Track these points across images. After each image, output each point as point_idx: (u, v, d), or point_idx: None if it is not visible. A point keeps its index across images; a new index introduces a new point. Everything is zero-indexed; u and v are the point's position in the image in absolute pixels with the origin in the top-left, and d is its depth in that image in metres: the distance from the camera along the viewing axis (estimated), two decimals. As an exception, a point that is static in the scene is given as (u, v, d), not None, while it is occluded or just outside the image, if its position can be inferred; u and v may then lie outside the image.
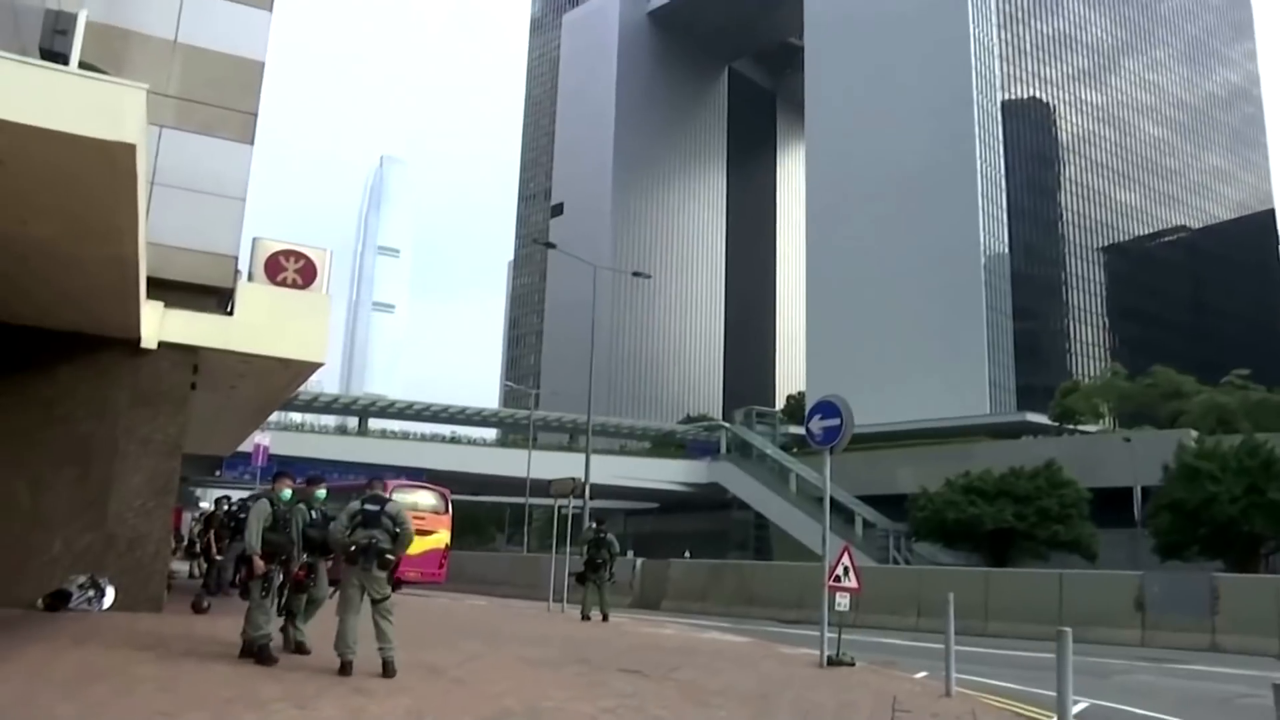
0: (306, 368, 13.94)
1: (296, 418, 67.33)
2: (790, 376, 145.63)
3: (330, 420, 73.94)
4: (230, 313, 13.20)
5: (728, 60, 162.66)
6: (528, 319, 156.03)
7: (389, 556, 8.05)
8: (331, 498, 10.00)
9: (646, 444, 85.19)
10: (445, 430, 74.91)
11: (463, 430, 76.01)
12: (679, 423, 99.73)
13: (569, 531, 19.89)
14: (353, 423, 72.22)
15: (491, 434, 79.36)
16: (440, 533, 22.34)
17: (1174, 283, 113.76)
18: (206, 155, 13.34)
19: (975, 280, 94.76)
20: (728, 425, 77.68)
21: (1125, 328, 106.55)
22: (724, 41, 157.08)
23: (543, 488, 23.24)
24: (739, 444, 71.69)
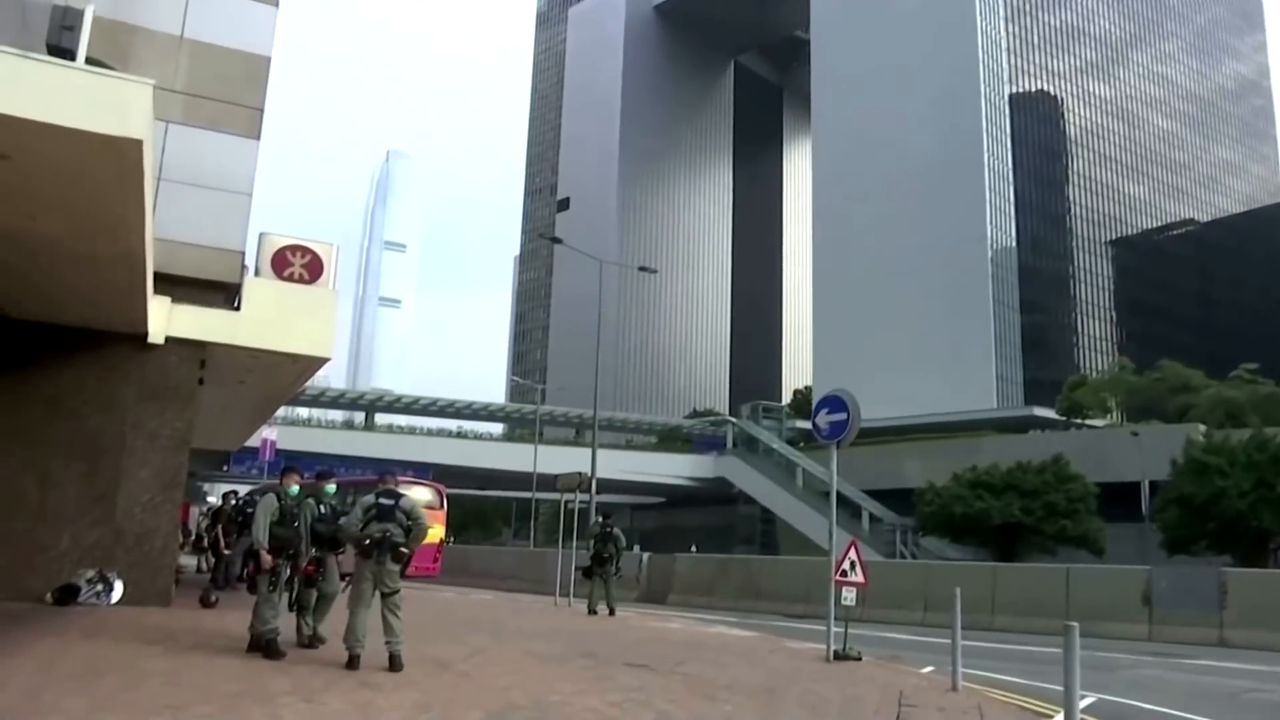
0: (313, 362, 13.97)
1: (304, 413, 67.51)
2: (797, 371, 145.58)
3: (337, 415, 74.14)
4: (237, 308, 13.22)
5: (734, 54, 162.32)
6: (534, 314, 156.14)
7: (403, 550, 8.10)
8: (339, 492, 10.06)
9: (653, 439, 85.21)
10: (452, 425, 75.06)
11: (469, 425, 76.13)
12: (685, 417, 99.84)
13: (575, 526, 19.89)
14: (359, 418, 72.41)
15: (498, 429, 79.45)
16: (435, 528, 22.78)
17: (1182, 276, 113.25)
18: (213, 150, 13.36)
19: (982, 274, 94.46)
20: (734, 420, 77.73)
21: (1133, 322, 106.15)
22: (730, 35, 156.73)
23: (549, 482, 23.29)
24: (745, 438, 71.71)
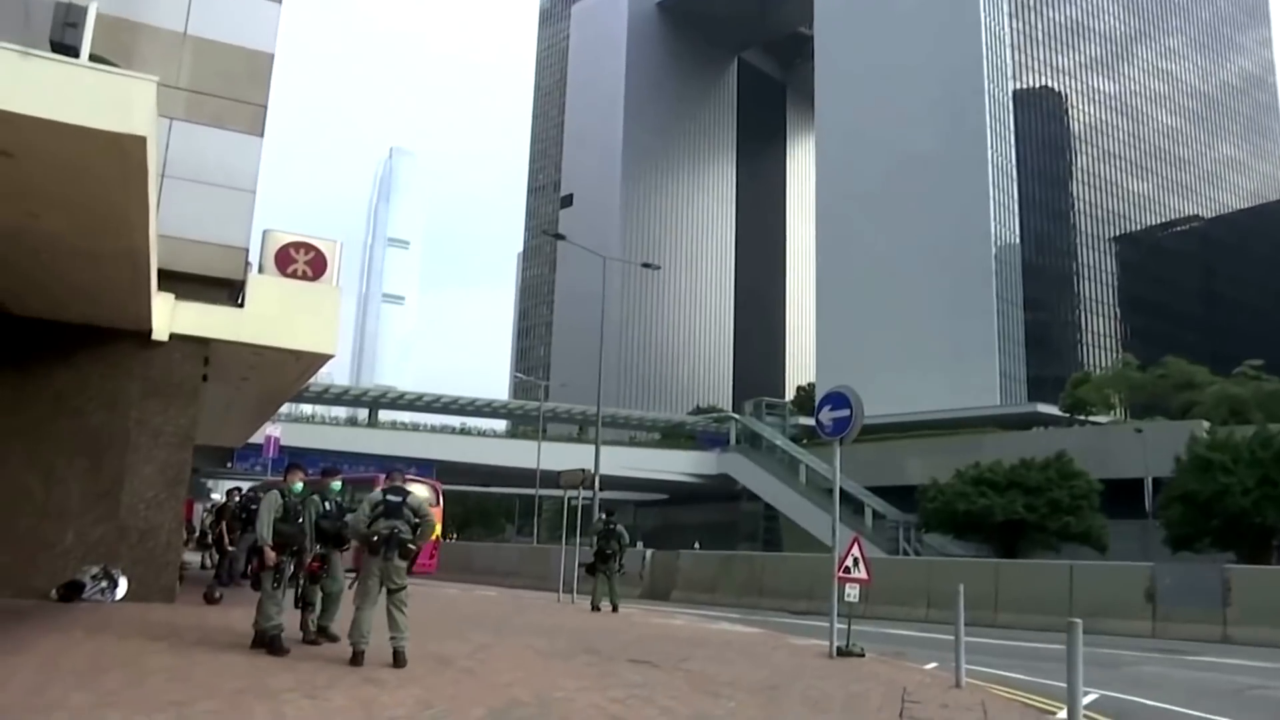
0: (317, 359, 13.99)
1: (307, 409, 67.63)
2: (800, 367, 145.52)
3: (340, 412, 74.26)
4: (241, 305, 13.22)
5: (737, 50, 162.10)
6: (537, 310, 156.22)
7: (410, 546, 8.15)
8: (344, 489, 10.09)
9: (656, 435, 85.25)
10: (455, 422, 75.18)
11: (472, 422, 76.21)
12: (688, 414, 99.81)
13: (578, 522, 19.91)
14: (363, 414, 72.49)
15: (501, 425, 79.53)
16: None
17: (1186, 273, 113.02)
18: (216, 147, 13.36)
19: (986, 271, 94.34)
20: (737, 416, 77.73)
21: (1137, 318, 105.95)
22: (733, 31, 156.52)
23: (552, 479, 23.28)
24: (748, 435, 71.70)
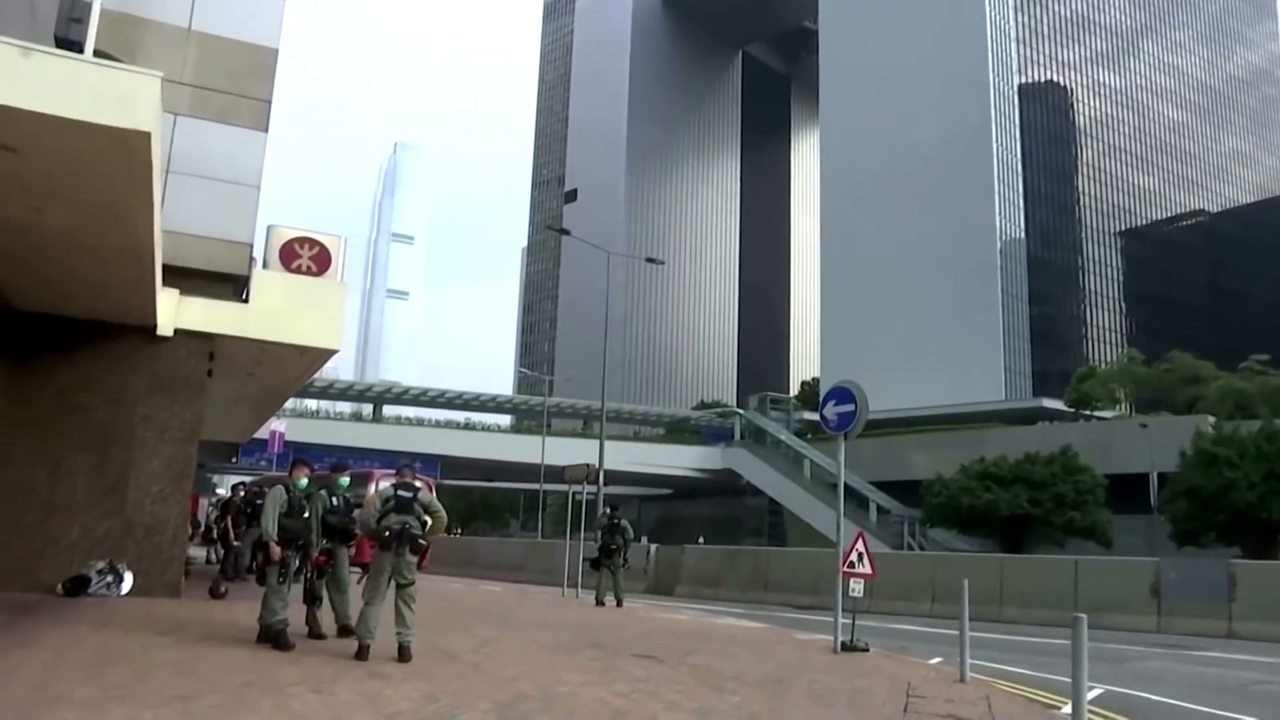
0: (322, 354, 14.00)
1: (312, 404, 67.76)
2: (804, 362, 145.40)
3: (345, 407, 74.33)
4: (246, 300, 13.23)
5: (741, 44, 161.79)
6: (542, 305, 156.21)
7: (421, 541, 8.17)
8: (350, 484, 10.10)
9: (660, 430, 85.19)
10: (459, 417, 75.21)
11: (477, 417, 76.29)
12: (693, 409, 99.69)
13: (583, 517, 19.94)
14: (367, 409, 72.55)
15: (506, 420, 79.61)
16: None
17: (1192, 267, 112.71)
18: (221, 143, 13.34)
19: (991, 265, 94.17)
20: (742, 411, 77.61)
21: (1142, 313, 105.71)
22: (738, 25, 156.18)
23: (557, 474, 23.26)
24: (753, 430, 71.63)
